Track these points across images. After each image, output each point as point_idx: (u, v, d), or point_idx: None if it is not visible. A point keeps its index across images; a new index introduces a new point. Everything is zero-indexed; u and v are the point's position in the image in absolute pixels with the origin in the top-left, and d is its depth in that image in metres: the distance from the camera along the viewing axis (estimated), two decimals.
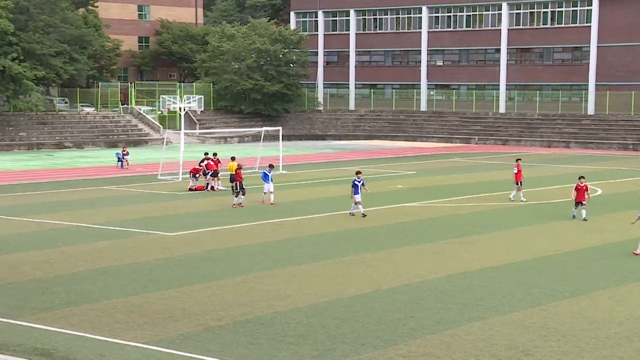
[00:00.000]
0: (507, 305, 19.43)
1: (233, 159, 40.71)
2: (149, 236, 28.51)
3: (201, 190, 41.51)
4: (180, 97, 70.20)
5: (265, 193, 36.42)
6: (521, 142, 78.41)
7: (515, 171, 37.86)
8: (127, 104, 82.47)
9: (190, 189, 41.63)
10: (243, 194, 35.80)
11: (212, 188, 41.74)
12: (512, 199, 37.65)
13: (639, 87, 77.82)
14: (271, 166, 37.00)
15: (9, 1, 67.87)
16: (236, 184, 35.90)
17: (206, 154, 43.72)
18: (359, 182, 32.66)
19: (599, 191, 41.56)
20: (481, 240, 27.93)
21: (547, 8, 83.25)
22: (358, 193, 32.44)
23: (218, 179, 42.22)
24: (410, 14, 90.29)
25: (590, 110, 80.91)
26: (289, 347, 16.31)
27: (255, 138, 74.03)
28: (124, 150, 54.91)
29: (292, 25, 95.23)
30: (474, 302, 19.65)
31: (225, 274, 22.57)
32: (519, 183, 37.87)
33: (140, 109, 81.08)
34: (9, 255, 25.16)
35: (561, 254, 25.68)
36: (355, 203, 32.66)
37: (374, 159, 62.07)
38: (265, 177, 36.26)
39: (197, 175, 42.09)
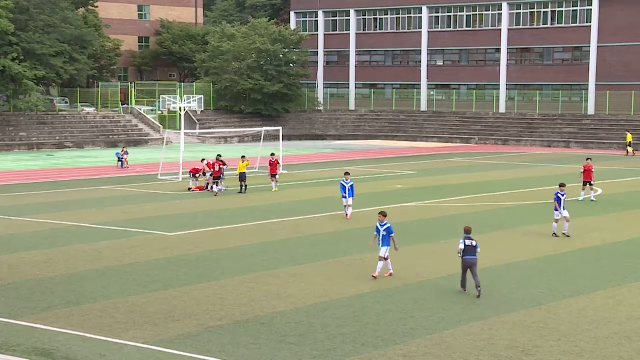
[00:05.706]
0: (507, 305, 19.43)
1: (243, 157, 41.03)
2: (148, 236, 28.50)
3: (201, 190, 41.53)
4: (180, 97, 70.24)
5: (345, 206, 32.49)
6: (521, 142, 78.38)
7: (591, 170, 37.92)
8: (127, 104, 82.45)
9: (190, 189, 41.65)
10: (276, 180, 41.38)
11: (212, 188, 41.71)
12: (593, 199, 37.60)
13: (639, 87, 77.82)
14: (347, 174, 32.79)
15: (9, 1, 67.86)
16: (271, 175, 41.09)
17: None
18: (563, 195, 28.82)
19: (599, 191, 41.53)
20: (481, 240, 27.77)
21: (547, 8, 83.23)
22: (562, 208, 28.60)
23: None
24: (410, 13, 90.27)
25: (590, 110, 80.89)
26: (289, 347, 16.31)
27: (255, 138, 74.02)
28: (123, 150, 54.88)
29: (292, 25, 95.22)
30: (474, 302, 19.66)
31: (225, 274, 22.57)
32: (588, 183, 37.81)
33: (140, 109, 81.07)
34: (9, 255, 25.15)
35: (561, 254, 25.68)
36: (564, 218, 28.58)
37: (374, 159, 62.05)
38: (343, 189, 32.13)
39: (197, 175, 42.12)
